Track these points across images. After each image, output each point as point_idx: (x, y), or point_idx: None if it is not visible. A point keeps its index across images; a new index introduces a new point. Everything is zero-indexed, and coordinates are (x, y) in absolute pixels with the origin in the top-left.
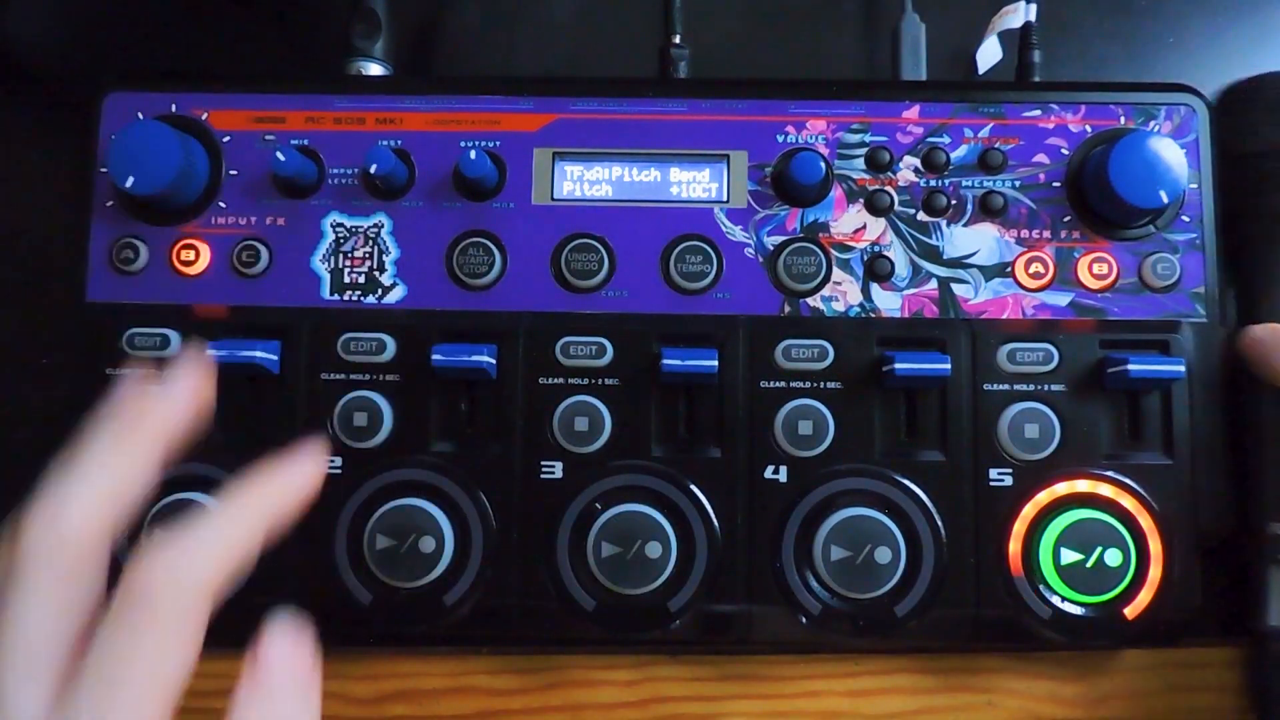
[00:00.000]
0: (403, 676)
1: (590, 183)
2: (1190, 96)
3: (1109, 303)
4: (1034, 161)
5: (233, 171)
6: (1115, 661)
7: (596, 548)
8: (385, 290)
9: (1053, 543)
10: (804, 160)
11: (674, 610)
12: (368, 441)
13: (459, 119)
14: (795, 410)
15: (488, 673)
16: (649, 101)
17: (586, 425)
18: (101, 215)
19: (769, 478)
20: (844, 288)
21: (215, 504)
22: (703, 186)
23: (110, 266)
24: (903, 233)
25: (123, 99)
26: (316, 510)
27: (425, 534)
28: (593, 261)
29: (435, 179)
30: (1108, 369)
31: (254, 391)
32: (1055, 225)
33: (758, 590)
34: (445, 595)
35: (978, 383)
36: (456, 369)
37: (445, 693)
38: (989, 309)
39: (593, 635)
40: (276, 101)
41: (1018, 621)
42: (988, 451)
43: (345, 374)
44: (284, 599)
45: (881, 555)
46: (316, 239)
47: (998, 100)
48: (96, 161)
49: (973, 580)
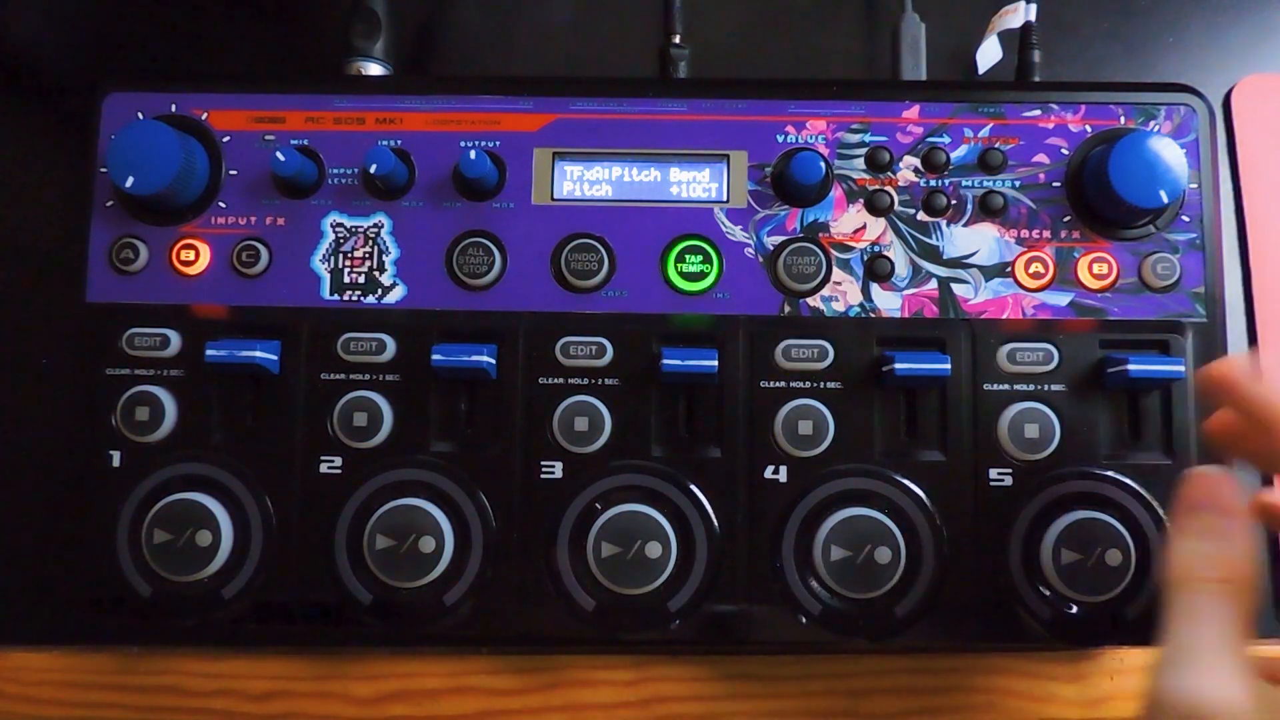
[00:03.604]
0: (403, 676)
1: (590, 183)
2: (1190, 96)
3: (1109, 303)
4: (1034, 161)
5: (232, 171)
6: (1115, 661)
7: (596, 548)
8: (385, 290)
9: (1053, 543)
10: (804, 160)
11: (674, 610)
12: (368, 441)
13: (459, 119)
14: (795, 410)
15: (488, 673)
16: (649, 101)
17: (586, 425)
18: (101, 215)
19: (769, 478)
20: (844, 288)
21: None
22: (703, 186)
23: (110, 266)
24: (903, 233)
25: (123, 99)
26: (317, 510)
27: (425, 534)
28: (592, 261)
29: (435, 179)
30: (1108, 369)
31: (254, 391)
32: (1055, 225)
33: (758, 590)
34: (445, 595)
35: (978, 383)
36: (456, 369)
37: (445, 693)
38: (989, 309)
39: (593, 635)
40: (276, 101)
41: (1018, 621)
42: (988, 451)
43: (345, 374)
44: (284, 599)
45: (881, 555)
46: (316, 239)
47: (998, 100)
48: (96, 161)
49: (972, 580)
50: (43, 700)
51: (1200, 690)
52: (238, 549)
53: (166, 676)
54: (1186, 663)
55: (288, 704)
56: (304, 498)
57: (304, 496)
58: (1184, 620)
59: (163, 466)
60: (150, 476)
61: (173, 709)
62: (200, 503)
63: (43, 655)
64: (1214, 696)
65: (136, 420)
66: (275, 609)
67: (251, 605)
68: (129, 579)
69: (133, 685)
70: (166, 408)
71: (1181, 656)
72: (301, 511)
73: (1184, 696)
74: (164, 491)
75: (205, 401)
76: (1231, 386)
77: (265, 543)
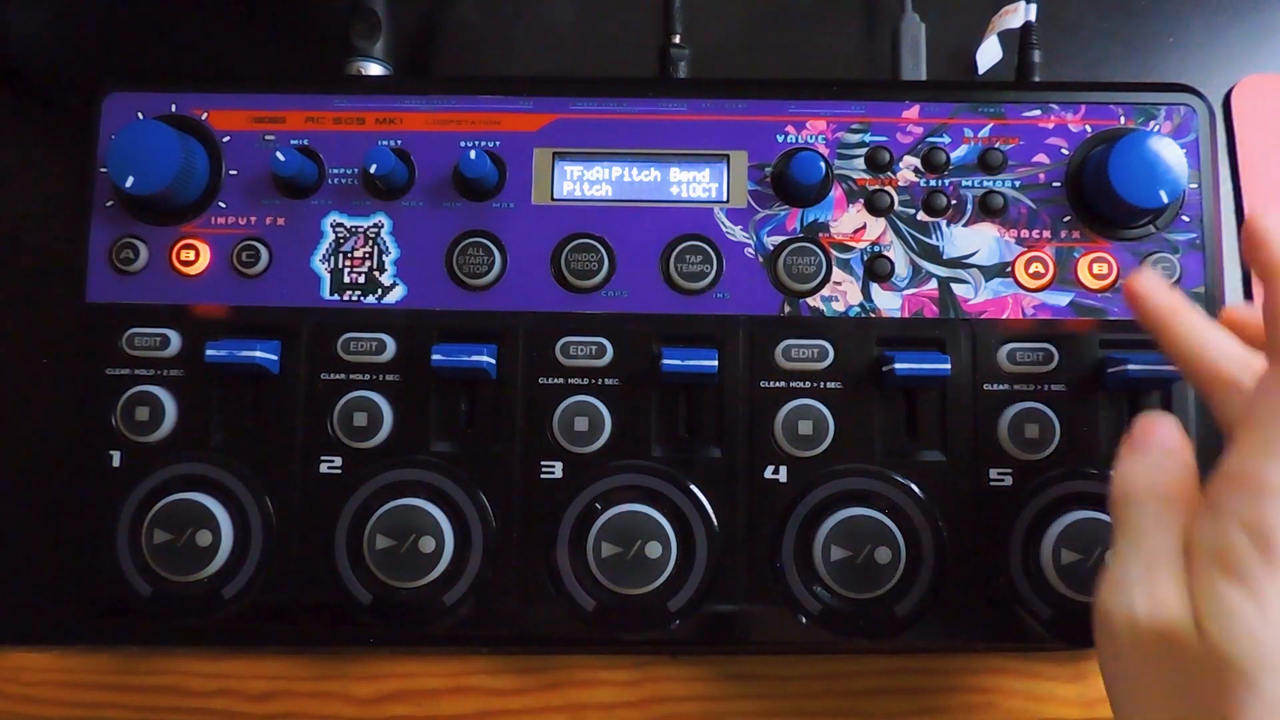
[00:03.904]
0: (403, 676)
1: (590, 183)
2: (1190, 96)
3: (1109, 303)
4: (1034, 161)
5: (232, 171)
6: None
7: (596, 548)
8: (385, 290)
9: (1053, 543)
10: (804, 160)
11: (674, 610)
12: (368, 441)
13: (459, 119)
14: (795, 410)
15: (488, 673)
16: (649, 101)
17: (586, 425)
18: (101, 215)
19: (769, 478)
20: (844, 288)
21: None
22: (703, 186)
23: (110, 266)
24: (903, 233)
25: (123, 99)
26: (317, 510)
27: (425, 534)
28: (593, 261)
29: (435, 179)
30: (1108, 369)
31: (254, 391)
32: (1055, 225)
33: (758, 590)
34: (445, 595)
35: (978, 383)
36: (456, 369)
37: (445, 693)
38: (989, 309)
39: (593, 635)
40: (276, 101)
41: (1018, 621)
42: (988, 451)
43: (345, 374)
44: (284, 599)
45: (881, 555)
46: (316, 239)
47: (998, 100)
48: (96, 161)
49: (972, 580)
50: (43, 700)
51: (1140, 606)
52: (238, 549)
53: (166, 676)
54: (1128, 581)
55: (288, 704)
56: (304, 498)
57: (304, 496)
58: (1124, 538)
59: (163, 466)
60: (150, 476)
61: (173, 709)
62: (200, 503)
63: (43, 655)
64: (1154, 611)
65: (136, 420)
66: (275, 609)
67: (251, 605)
68: (129, 579)
69: (133, 685)
70: (166, 408)
71: (1123, 574)
72: (301, 511)
73: (1126, 614)
74: (164, 491)
75: (205, 401)
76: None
77: (265, 543)
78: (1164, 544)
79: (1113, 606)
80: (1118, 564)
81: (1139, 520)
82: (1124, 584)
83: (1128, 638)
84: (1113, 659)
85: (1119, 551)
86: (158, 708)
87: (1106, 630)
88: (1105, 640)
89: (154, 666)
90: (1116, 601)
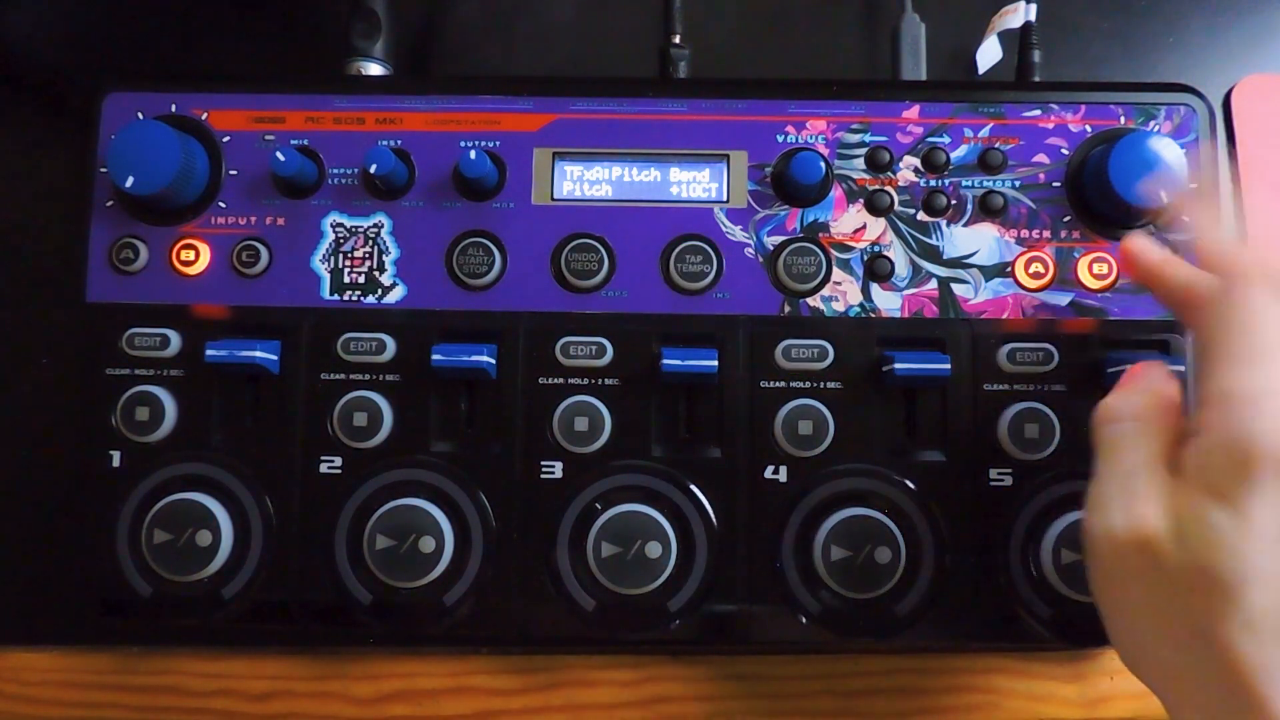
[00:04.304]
0: (403, 676)
1: (590, 183)
2: (1190, 96)
3: (1109, 303)
4: (1034, 161)
5: (232, 171)
6: (1115, 661)
7: (596, 548)
8: (385, 290)
9: (1053, 543)
10: (804, 160)
11: (674, 610)
12: (368, 441)
13: (459, 119)
14: (795, 410)
15: (488, 673)
16: (649, 101)
17: (586, 425)
18: (101, 215)
19: (769, 478)
20: (844, 288)
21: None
22: (703, 186)
23: (110, 266)
24: (903, 233)
25: (123, 99)
26: (317, 510)
27: (425, 534)
28: (592, 261)
29: (435, 179)
30: (1108, 369)
31: (254, 391)
32: (1055, 225)
33: (758, 590)
34: (445, 595)
35: (978, 383)
36: (456, 369)
37: (445, 693)
38: (989, 309)
39: (593, 635)
40: (276, 101)
41: (1018, 621)
42: (988, 451)
43: (345, 374)
44: (284, 599)
45: (881, 555)
46: (316, 239)
47: (998, 100)
48: (96, 161)
49: (972, 580)
50: (43, 700)
51: (1118, 521)
52: (238, 549)
53: (166, 676)
54: (1106, 497)
55: (288, 704)
56: (304, 498)
57: (304, 496)
58: (1102, 459)
59: (163, 466)
60: (150, 476)
61: (173, 709)
62: (200, 503)
63: (43, 655)
64: (1131, 524)
65: (136, 420)
66: (275, 609)
67: (251, 605)
68: (129, 579)
69: (133, 685)
70: (166, 408)
71: (1101, 492)
72: (301, 511)
73: (1104, 529)
74: (164, 491)
75: (205, 401)
76: (1151, 269)
77: (265, 543)
78: (1140, 460)
79: (1093, 525)
80: (1096, 484)
81: (1115, 439)
82: (1102, 501)
83: (1109, 554)
84: (1101, 578)
85: (1099, 473)
86: (158, 708)
87: (1092, 551)
88: (1092, 561)
89: (154, 666)
90: (1097, 520)
